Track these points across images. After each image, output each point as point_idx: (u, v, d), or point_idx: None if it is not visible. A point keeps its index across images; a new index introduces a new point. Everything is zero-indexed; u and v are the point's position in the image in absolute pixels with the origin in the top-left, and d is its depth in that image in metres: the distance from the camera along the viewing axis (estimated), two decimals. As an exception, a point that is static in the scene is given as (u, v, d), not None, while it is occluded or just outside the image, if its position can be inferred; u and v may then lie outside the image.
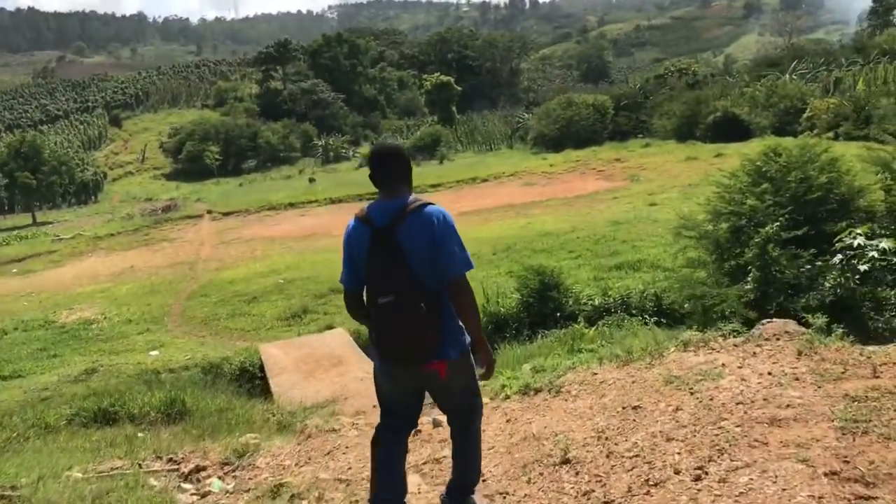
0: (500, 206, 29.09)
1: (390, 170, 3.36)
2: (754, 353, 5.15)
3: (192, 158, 61.44)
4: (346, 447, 4.89)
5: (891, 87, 37.82)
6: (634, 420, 4.42)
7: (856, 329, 10.43)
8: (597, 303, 13.69)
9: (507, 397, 5.42)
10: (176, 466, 4.90)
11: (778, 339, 5.42)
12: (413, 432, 4.19)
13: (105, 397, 8.20)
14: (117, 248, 31.33)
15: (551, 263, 15.61)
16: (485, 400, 4.81)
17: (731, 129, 39.53)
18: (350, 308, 3.51)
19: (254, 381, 13.36)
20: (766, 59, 64.10)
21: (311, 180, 46.90)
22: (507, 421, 4.89)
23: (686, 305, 12.44)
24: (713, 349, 5.45)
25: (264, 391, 12.93)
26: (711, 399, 4.42)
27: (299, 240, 27.68)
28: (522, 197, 30.48)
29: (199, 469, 4.75)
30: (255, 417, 7.20)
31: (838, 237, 10.30)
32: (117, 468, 4.87)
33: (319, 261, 22.51)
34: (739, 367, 4.88)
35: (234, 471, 4.74)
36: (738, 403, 4.27)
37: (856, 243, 9.99)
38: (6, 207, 57.10)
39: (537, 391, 5.43)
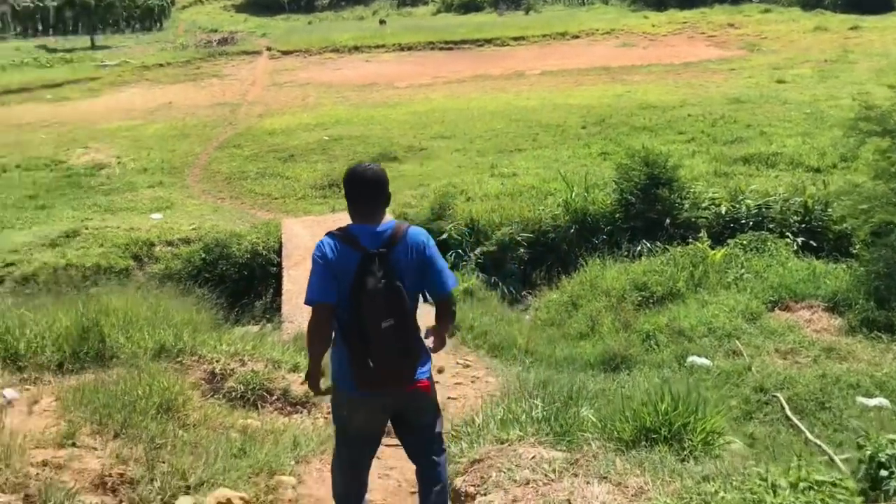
0: (593, 67, 24.90)
1: (382, 196, 3.23)
2: None
3: (264, -10, 57.10)
4: None
5: None
6: None
7: None
8: (723, 210, 10.24)
9: None
10: None
11: None
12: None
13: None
14: (163, 81, 28.35)
15: (658, 147, 12.10)
16: None
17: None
18: (320, 324, 3.12)
19: (267, 267, 10.60)
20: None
21: (382, 22, 42.69)
22: None
23: (856, 229, 8.94)
24: None
25: (278, 283, 10.17)
26: None
27: (358, 89, 24.29)
28: (620, 59, 26.12)
29: None
30: (193, 397, 4.29)
31: None
32: None
33: (375, 117, 19.35)
34: None
35: None
36: None
37: None
38: (70, 28, 54.48)
39: None
